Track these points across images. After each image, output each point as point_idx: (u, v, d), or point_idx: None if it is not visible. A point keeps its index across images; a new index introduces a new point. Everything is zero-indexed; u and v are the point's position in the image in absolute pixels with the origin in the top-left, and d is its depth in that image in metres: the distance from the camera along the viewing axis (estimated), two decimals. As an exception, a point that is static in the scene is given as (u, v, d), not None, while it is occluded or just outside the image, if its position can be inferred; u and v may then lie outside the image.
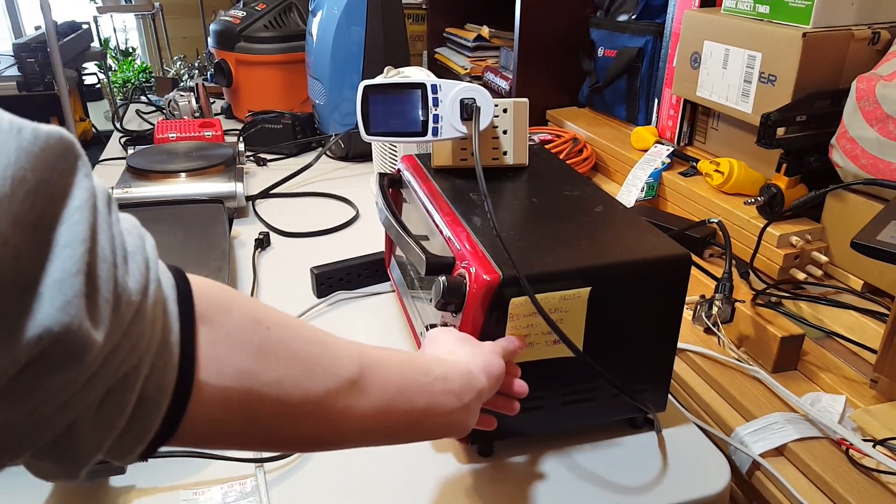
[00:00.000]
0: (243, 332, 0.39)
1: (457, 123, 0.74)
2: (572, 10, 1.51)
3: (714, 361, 0.80)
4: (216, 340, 0.37)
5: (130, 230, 0.33)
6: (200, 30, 3.38)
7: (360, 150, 1.46)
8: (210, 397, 0.36)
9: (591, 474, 0.64)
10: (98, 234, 0.29)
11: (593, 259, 0.60)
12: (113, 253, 0.30)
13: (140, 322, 0.31)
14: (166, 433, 0.35)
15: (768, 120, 0.93)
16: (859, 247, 0.65)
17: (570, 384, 0.64)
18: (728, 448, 0.71)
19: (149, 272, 0.33)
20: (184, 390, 0.35)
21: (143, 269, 0.32)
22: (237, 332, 0.38)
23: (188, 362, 0.35)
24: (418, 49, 2.22)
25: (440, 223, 0.68)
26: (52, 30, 1.87)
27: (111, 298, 0.29)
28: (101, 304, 0.29)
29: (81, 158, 0.30)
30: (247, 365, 0.38)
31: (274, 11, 1.66)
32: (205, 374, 0.36)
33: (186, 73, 2.28)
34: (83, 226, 0.28)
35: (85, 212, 0.29)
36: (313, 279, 0.94)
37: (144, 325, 0.32)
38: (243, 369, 0.38)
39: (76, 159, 0.29)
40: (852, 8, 0.95)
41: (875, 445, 0.65)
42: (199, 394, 0.36)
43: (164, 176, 1.21)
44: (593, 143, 1.38)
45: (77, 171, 0.29)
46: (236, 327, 0.39)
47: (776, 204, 0.97)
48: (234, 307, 0.39)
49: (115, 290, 0.30)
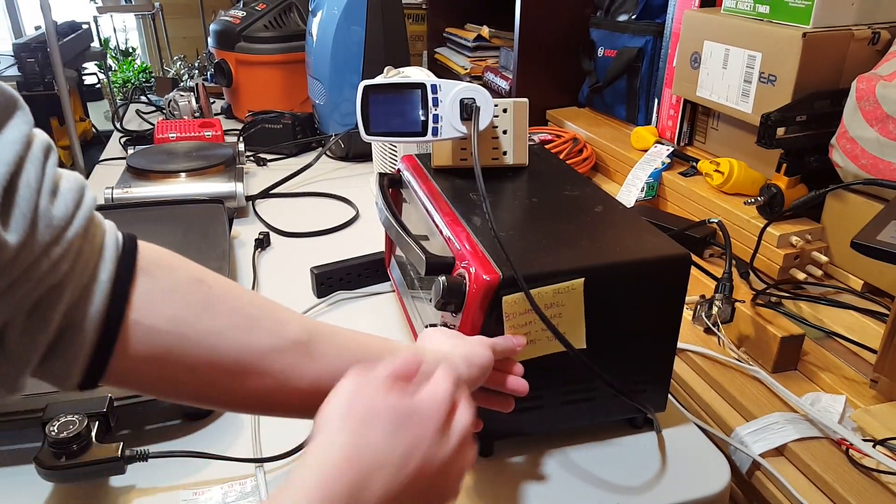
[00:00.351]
0: (184, 288, 0.44)
1: (457, 123, 0.74)
2: (572, 10, 1.51)
3: (714, 361, 0.80)
4: (154, 290, 0.42)
5: (70, 181, 0.39)
6: (200, 30, 3.38)
7: (360, 150, 1.46)
8: (142, 338, 0.41)
9: (591, 474, 0.64)
10: (25, 164, 0.36)
11: (593, 259, 0.60)
12: (39, 183, 0.37)
13: (60, 245, 0.37)
14: (98, 364, 0.40)
15: (768, 120, 0.92)
16: (859, 247, 0.65)
17: (569, 384, 0.64)
18: (728, 448, 0.71)
19: (77, 211, 0.39)
20: (113, 325, 0.40)
21: (70, 207, 0.38)
22: (178, 287, 0.43)
23: (120, 300, 0.40)
24: (418, 49, 2.22)
25: (440, 223, 0.68)
26: (52, 30, 1.87)
27: (29, 215, 0.35)
28: (15, 215, 0.35)
29: (22, 110, 0.38)
30: (183, 314, 0.43)
31: (274, 11, 1.66)
32: (137, 314, 0.41)
33: (186, 73, 2.28)
34: (11, 154, 0.35)
35: (16, 145, 0.36)
36: (313, 279, 0.94)
37: (67, 251, 0.38)
38: (178, 317, 0.43)
39: (16, 109, 0.37)
40: (852, 8, 0.95)
41: (875, 445, 0.65)
42: (131, 332, 0.41)
43: (164, 176, 1.21)
44: (593, 143, 1.38)
45: (14, 117, 0.37)
46: (178, 283, 0.44)
47: (776, 204, 0.97)
48: (178, 268, 0.45)
49: (35, 210, 0.36)
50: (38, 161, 0.37)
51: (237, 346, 0.44)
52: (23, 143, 0.36)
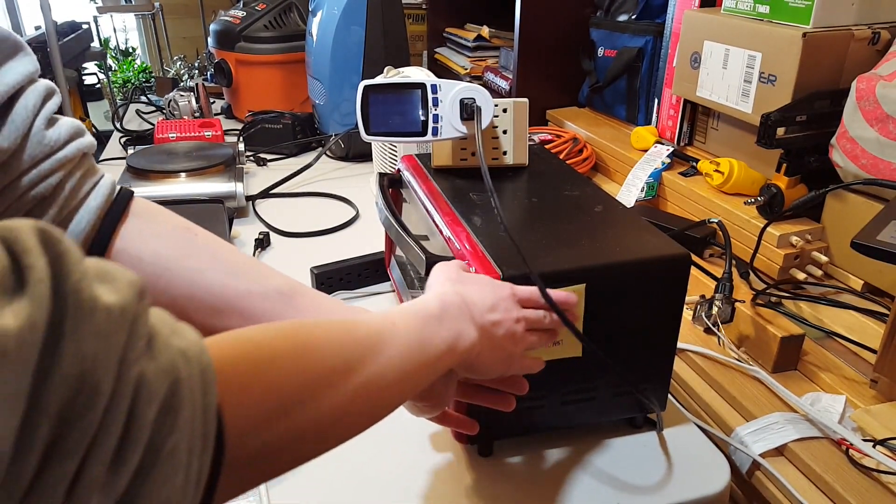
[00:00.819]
0: (171, 232, 0.48)
1: (456, 123, 0.74)
2: (572, 10, 1.51)
3: (714, 361, 0.80)
4: (142, 230, 0.46)
5: (70, 121, 0.45)
6: (200, 30, 3.37)
7: (360, 150, 1.46)
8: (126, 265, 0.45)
9: (592, 474, 0.64)
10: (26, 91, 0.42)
11: (593, 259, 0.60)
12: (37, 109, 0.42)
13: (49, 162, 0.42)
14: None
15: (768, 120, 0.92)
16: (859, 247, 0.65)
17: (570, 383, 0.64)
18: (728, 448, 0.71)
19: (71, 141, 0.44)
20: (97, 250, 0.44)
21: (63, 135, 0.43)
22: (165, 231, 0.47)
23: (108, 229, 0.45)
24: (418, 49, 2.22)
25: (440, 223, 0.68)
26: (52, 30, 1.88)
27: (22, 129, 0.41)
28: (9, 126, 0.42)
29: (29, 55, 0.42)
30: (167, 252, 0.46)
31: (274, 11, 1.66)
32: (122, 243, 0.45)
33: (186, 73, 2.28)
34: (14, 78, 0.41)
35: (19, 76, 0.41)
36: (313, 279, 0.94)
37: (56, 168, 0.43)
38: (163, 254, 0.46)
39: (22, 51, 0.42)
40: (852, 8, 0.95)
41: (875, 445, 0.65)
42: (115, 258, 0.44)
43: (164, 176, 1.21)
44: (593, 143, 1.38)
45: (20, 56, 0.42)
46: (165, 228, 0.48)
47: (776, 204, 0.97)
48: (169, 217, 0.49)
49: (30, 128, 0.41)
50: (38, 94, 0.42)
51: (219, 284, 0.47)
52: (25, 76, 0.42)
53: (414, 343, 0.44)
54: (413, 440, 0.68)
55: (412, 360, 0.43)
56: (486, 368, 0.52)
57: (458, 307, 0.48)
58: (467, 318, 0.48)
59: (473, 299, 0.50)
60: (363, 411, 0.40)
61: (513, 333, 0.51)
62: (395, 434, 0.68)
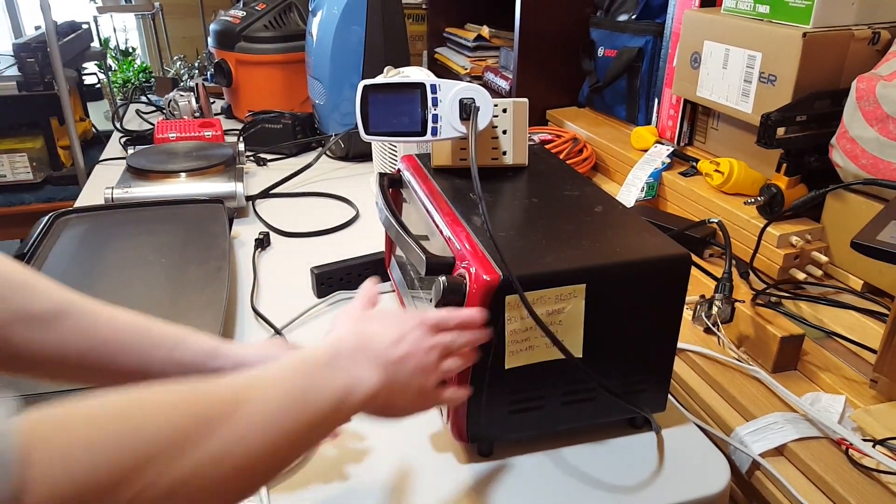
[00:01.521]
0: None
1: (456, 123, 0.74)
2: (572, 10, 1.51)
3: (714, 361, 0.80)
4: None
5: None
6: (200, 30, 3.37)
7: (360, 150, 1.46)
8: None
9: (592, 474, 0.64)
10: None
11: (593, 259, 0.60)
12: None
13: None
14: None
15: (768, 120, 0.92)
16: (859, 247, 0.65)
17: (569, 384, 0.64)
18: (728, 448, 0.71)
19: None
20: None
21: None
22: None
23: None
24: (418, 49, 2.22)
25: (440, 223, 0.68)
26: (52, 30, 1.87)
27: None
28: None
29: None
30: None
31: (274, 11, 1.66)
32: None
33: (186, 73, 2.28)
34: None
35: None
36: (313, 279, 0.94)
37: None
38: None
39: None
40: (852, 8, 0.95)
41: (875, 445, 0.65)
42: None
43: (164, 176, 1.21)
44: (593, 143, 1.38)
45: None
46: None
47: (776, 204, 0.97)
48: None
49: None
50: None
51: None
52: None
53: (291, 397, 0.41)
54: (413, 440, 0.68)
55: (289, 417, 0.40)
56: (400, 409, 0.50)
57: (352, 350, 0.46)
58: (366, 359, 0.46)
59: (375, 337, 0.48)
60: (220, 483, 0.36)
61: (424, 366, 0.49)
62: (395, 434, 0.68)
